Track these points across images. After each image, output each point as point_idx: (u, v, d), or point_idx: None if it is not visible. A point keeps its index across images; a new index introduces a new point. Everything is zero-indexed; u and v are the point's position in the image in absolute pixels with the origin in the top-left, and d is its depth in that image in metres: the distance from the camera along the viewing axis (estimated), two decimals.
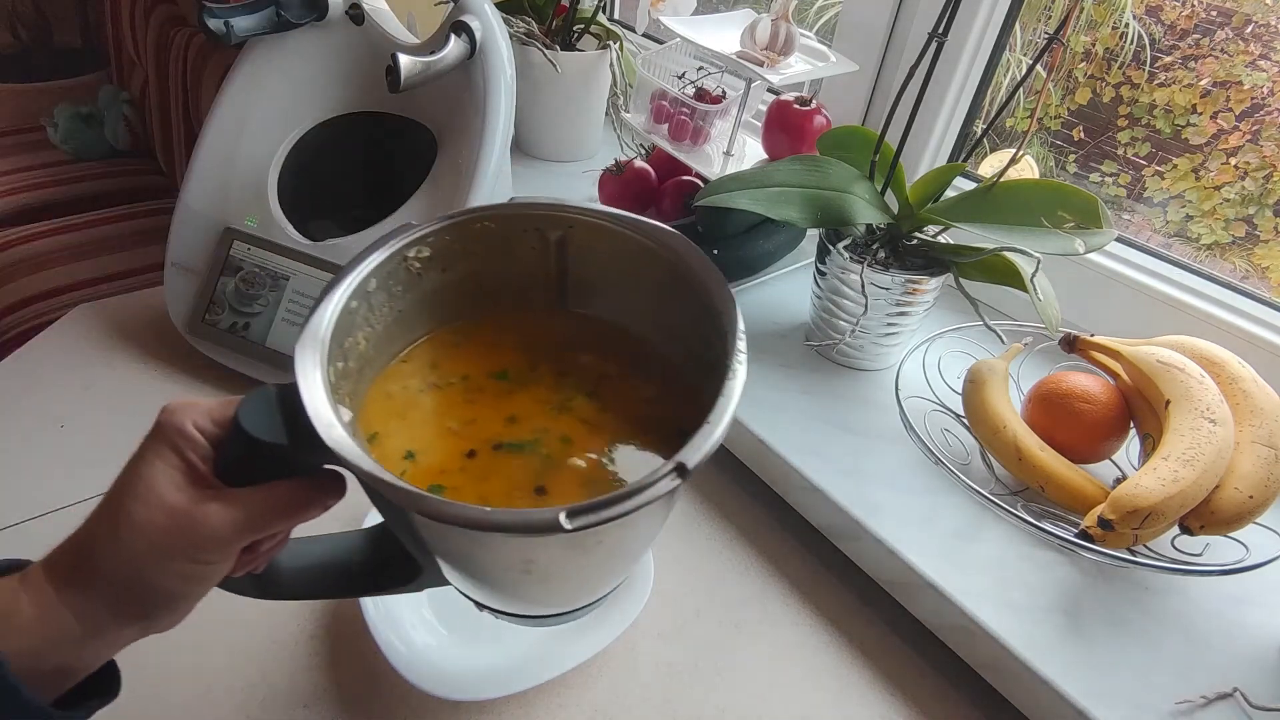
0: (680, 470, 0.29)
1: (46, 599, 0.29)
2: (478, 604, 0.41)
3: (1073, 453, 0.55)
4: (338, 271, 0.37)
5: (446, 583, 0.40)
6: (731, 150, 0.80)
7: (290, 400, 0.30)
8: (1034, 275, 0.57)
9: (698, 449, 0.30)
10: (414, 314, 0.41)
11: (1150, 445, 0.54)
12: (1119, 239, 0.71)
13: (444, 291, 0.41)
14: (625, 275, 0.41)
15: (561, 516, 0.27)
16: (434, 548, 0.35)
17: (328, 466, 0.33)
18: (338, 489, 0.34)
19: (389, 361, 0.40)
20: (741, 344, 0.34)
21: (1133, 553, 0.50)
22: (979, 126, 0.79)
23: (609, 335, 0.43)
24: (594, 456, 0.37)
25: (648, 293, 0.41)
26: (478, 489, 0.35)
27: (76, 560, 0.30)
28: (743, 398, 0.31)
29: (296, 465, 0.32)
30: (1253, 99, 1.30)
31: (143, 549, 0.29)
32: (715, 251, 0.74)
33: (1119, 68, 1.47)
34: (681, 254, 0.38)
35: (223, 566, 0.31)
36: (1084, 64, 1.50)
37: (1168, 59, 1.41)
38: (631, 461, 0.37)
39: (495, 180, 0.65)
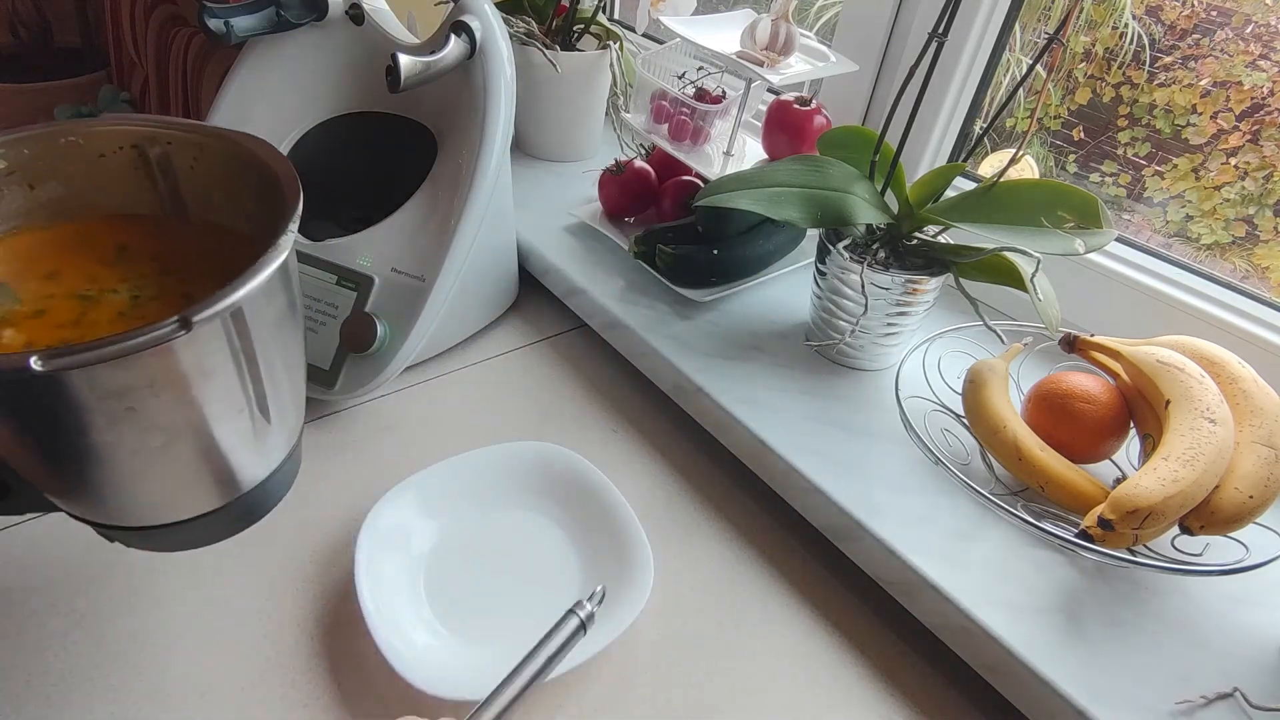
0: (183, 322, 0.29)
1: None
2: (94, 525, 0.39)
3: (1073, 453, 0.55)
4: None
5: (46, 504, 0.38)
6: (731, 150, 0.80)
7: None
8: (1034, 275, 0.57)
9: (210, 304, 0.30)
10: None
11: (1150, 445, 0.54)
12: (1119, 239, 0.71)
13: (31, 206, 0.40)
14: (229, 180, 0.41)
15: (33, 360, 0.27)
16: None
17: None
18: None
19: None
20: (294, 224, 0.35)
21: (1133, 553, 0.50)
22: (979, 126, 0.79)
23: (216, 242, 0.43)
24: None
25: (249, 193, 0.41)
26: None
27: None
28: (743, 398, 0.29)
29: None
30: (1253, 99, 1.30)
31: None
32: (715, 251, 0.74)
33: (1119, 68, 1.47)
34: (256, 151, 0.39)
35: None
36: (1084, 64, 1.50)
37: (1168, 59, 1.41)
38: None
39: (495, 180, 0.65)
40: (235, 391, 0.36)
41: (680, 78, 0.82)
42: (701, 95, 0.81)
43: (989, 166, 0.90)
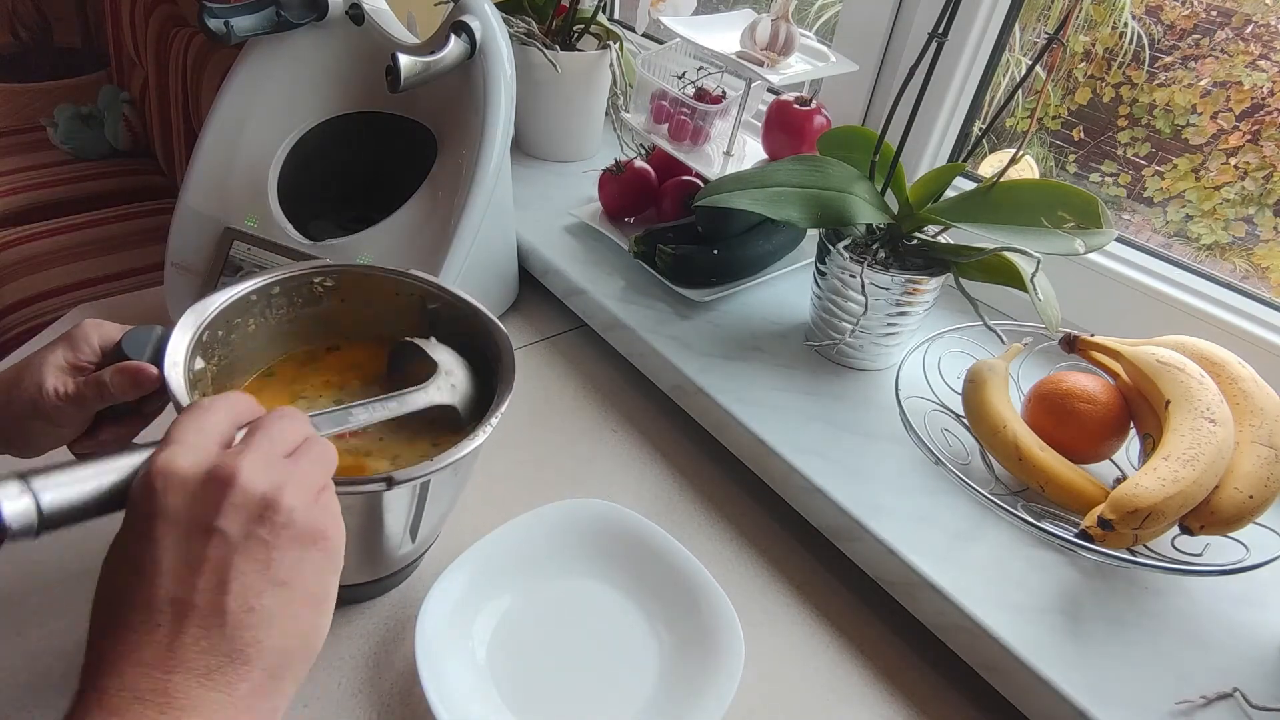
0: (389, 482, 0.38)
1: None
2: None
3: (1073, 453, 0.55)
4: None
5: None
6: (731, 150, 0.80)
7: (163, 340, 0.41)
8: (1034, 275, 0.57)
9: (410, 474, 0.39)
10: (309, 326, 0.53)
11: (1150, 445, 0.54)
12: (1119, 239, 0.71)
13: (336, 316, 0.53)
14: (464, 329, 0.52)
15: None
16: None
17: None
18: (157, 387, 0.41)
19: (280, 350, 0.52)
20: (501, 410, 0.44)
21: (1133, 553, 0.50)
22: (979, 126, 0.79)
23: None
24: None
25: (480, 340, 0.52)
26: None
27: None
28: (743, 398, 0.30)
29: None
30: (1253, 99, 1.30)
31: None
32: (715, 251, 0.74)
33: (1119, 68, 1.47)
34: (491, 330, 0.51)
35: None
36: (1084, 64, 1.50)
37: (1168, 59, 1.40)
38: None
39: (495, 180, 0.65)
40: (401, 524, 0.47)
41: (680, 78, 0.82)
42: (701, 95, 0.81)
43: (989, 166, 0.90)
